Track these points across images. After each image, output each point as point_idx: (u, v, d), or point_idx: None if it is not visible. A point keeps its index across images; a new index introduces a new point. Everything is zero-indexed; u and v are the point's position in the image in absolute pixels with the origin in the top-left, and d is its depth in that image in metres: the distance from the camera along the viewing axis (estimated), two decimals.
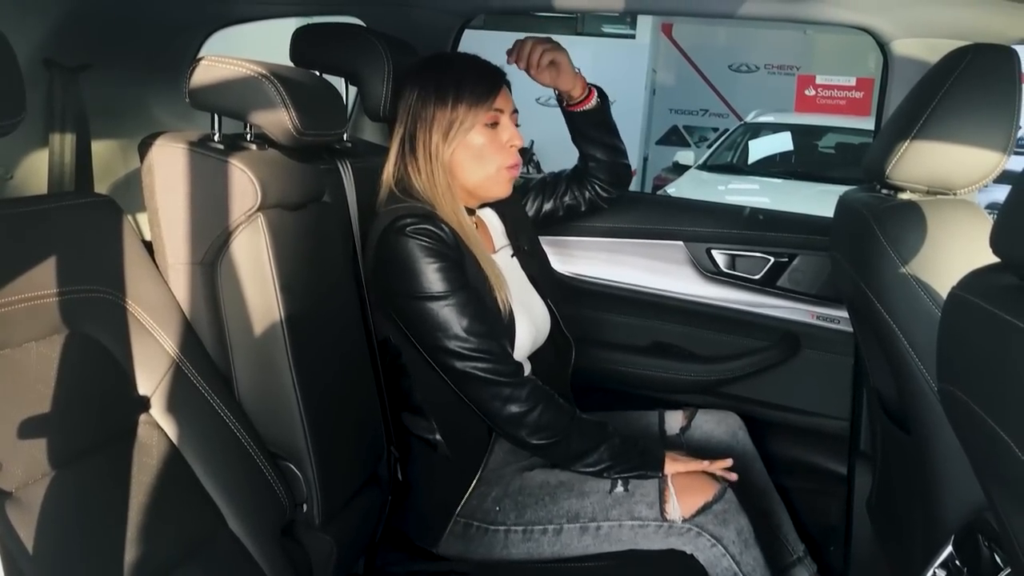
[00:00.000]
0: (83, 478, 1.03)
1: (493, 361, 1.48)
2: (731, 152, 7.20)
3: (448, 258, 1.47)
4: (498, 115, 1.57)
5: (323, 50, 1.75)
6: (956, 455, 1.11)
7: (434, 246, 1.46)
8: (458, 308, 1.46)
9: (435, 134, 1.54)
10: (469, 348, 1.46)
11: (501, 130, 1.57)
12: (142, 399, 1.16)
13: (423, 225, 1.47)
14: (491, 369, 1.47)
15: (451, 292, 1.46)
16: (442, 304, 1.46)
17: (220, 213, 1.29)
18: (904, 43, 1.85)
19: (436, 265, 1.46)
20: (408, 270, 1.46)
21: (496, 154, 1.57)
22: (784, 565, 1.81)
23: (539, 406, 1.49)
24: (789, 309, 2.13)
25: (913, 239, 1.34)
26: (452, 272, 1.47)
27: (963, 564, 1.24)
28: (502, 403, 1.48)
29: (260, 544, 1.24)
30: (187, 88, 1.33)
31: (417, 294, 1.46)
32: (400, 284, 1.48)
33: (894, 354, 1.38)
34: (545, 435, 1.50)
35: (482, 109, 1.54)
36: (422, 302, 1.46)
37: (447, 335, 1.46)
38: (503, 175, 1.59)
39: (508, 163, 1.58)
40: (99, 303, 1.13)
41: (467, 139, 1.55)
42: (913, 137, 1.38)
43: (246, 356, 1.33)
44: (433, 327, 1.47)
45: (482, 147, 1.56)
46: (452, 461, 1.58)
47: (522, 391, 1.49)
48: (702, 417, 1.86)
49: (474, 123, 1.54)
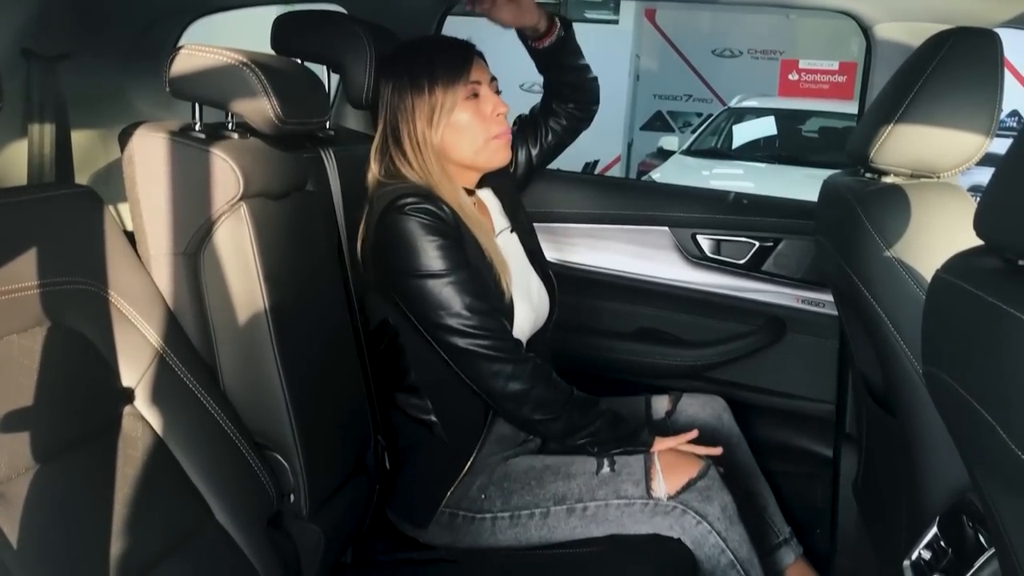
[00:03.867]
0: (68, 471, 1.02)
1: (494, 338, 1.48)
2: (715, 137, 7.20)
3: (448, 236, 1.47)
4: (476, 87, 1.56)
5: (304, 38, 1.73)
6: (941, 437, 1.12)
7: (434, 224, 1.46)
8: (459, 286, 1.46)
9: (419, 122, 1.53)
10: (470, 325, 1.46)
11: (482, 101, 1.57)
12: (126, 391, 1.16)
13: (423, 204, 1.47)
14: (493, 346, 1.47)
15: (452, 270, 1.46)
16: (443, 282, 1.46)
17: (202, 203, 1.28)
18: (887, 27, 1.86)
19: (437, 243, 1.46)
20: (409, 248, 1.46)
21: (483, 125, 1.56)
22: (770, 547, 1.82)
23: (540, 383, 1.50)
24: (774, 293, 2.14)
25: (897, 222, 1.35)
26: (452, 250, 1.47)
27: (948, 545, 1.25)
28: (504, 380, 1.48)
29: (247, 535, 1.24)
30: (167, 77, 1.31)
31: (418, 272, 1.46)
32: (401, 262, 1.48)
33: (879, 337, 1.38)
34: (545, 411, 1.51)
35: (459, 86, 1.54)
36: (423, 280, 1.46)
37: (448, 312, 1.46)
38: (493, 145, 1.59)
39: (496, 132, 1.58)
40: (81, 295, 1.12)
41: (452, 119, 1.54)
42: (896, 121, 1.38)
43: (230, 346, 1.32)
44: (434, 305, 1.46)
45: (468, 122, 1.55)
46: (447, 444, 1.58)
47: (524, 368, 1.49)
48: (687, 401, 1.87)
49: (455, 102, 1.54)
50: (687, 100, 10.49)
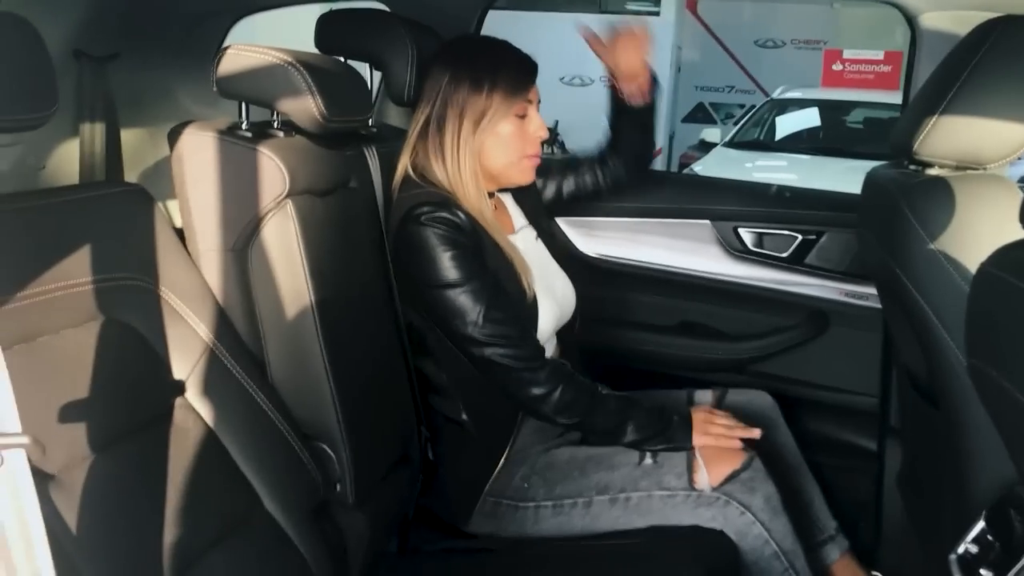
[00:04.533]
0: (122, 461, 1.05)
1: (510, 346, 1.49)
2: (758, 129, 7.13)
3: (464, 246, 1.49)
4: (528, 105, 1.58)
5: (347, 36, 1.75)
6: (987, 430, 1.11)
7: (449, 234, 1.48)
8: (474, 295, 1.48)
9: (466, 120, 1.54)
10: (486, 335, 1.48)
11: (529, 121, 1.59)
12: (177, 383, 1.18)
13: (439, 213, 1.48)
14: (509, 355, 1.49)
15: (467, 279, 1.48)
16: (459, 292, 1.47)
17: (250, 200, 1.30)
18: (932, 16, 1.83)
19: (451, 253, 1.47)
20: (425, 259, 1.48)
21: (522, 144, 1.59)
22: (816, 542, 1.81)
23: (559, 387, 1.51)
24: (817, 287, 2.12)
25: (942, 215, 1.33)
26: (468, 260, 1.49)
27: (995, 539, 1.24)
28: (523, 386, 1.51)
29: (295, 524, 1.27)
30: (214, 77, 1.34)
31: (434, 283, 1.48)
32: (418, 273, 1.50)
33: (923, 330, 1.37)
34: (568, 414, 1.53)
35: (516, 99, 1.55)
36: (440, 290, 1.48)
37: (464, 322, 1.48)
38: (525, 164, 1.61)
39: (531, 152, 1.60)
40: (133, 290, 1.15)
41: (497, 128, 1.56)
42: (941, 112, 1.36)
43: (278, 340, 1.35)
44: (451, 314, 1.49)
45: (510, 136, 1.57)
46: (479, 440, 1.59)
47: (541, 374, 1.51)
48: (732, 396, 1.86)
49: (506, 113, 1.55)
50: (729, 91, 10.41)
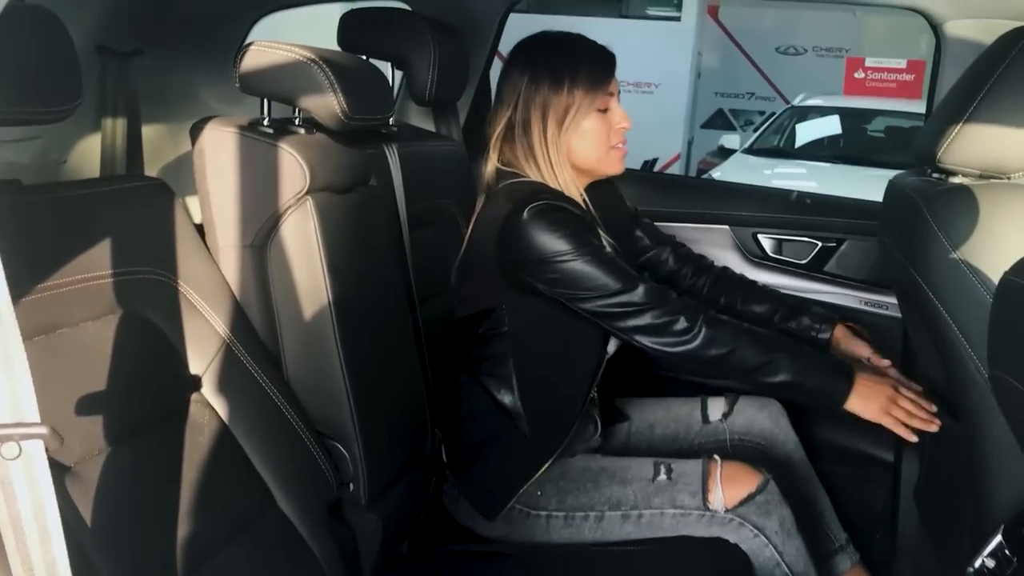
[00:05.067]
0: (137, 455, 1.05)
1: (646, 292, 1.46)
2: (778, 136, 7.10)
3: (581, 224, 1.48)
4: (609, 99, 1.57)
5: (369, 35, 1.76)
6: (1007, 443, 1.10)
7: (569, 217, 1.47)
8: (603, 260, 1.46)
9: (550, 120, 1.53)
10: (620, 286, 1.45)
11: (612, 113, 1.58)
12: (194, 378, 1.19)
13: (556, 202, 1.48)
14: (645, 299, 1.46)
15: (595, 249, 1.46)
16: (588, 258, 1.45)
17: (270, 196, 1.30)
18: (957, 24, 1.82)
19: (571, 228, 1.46)
20: (549, 236, 1.45)
21: (607, 137, 1.57)
22: (826, 553, 1.79)
23: (700, 317, 1.46)
24: (837, 295, 2.11)
25: (964, 224, 1.32)
26: (588, 234, 1.48)
27: (1013, 553, 1.23)
28: (665, 324, 1.46)
29: (308, 522, 1.27)
30: (237, 73, 1.34)
31: (563, 255, 1.45)
32: (540, 251, 1.46)
33: (943, 340, 1.36)
34: (717, 346, 1.46)
35: (598, 94, 1.54)
36: (569, 261, 1.45)
37: (599, 283, 1.45)
38: (613, 155, 1.59)
39: (616, 142, 1.59)
40: (152, 284, 1.15)
41: (581, 124, 1.54)
42: (966, 120, 1.35)
43: (295, 337, 1.35)
44: (584, 279, 1.45)
45: (595, 129, 1.55)
46: (527, 439, 1.56)
47: (677, 305, 1.47)
48: (744, 403, 1.85)
49: (589, 109, 1.54)
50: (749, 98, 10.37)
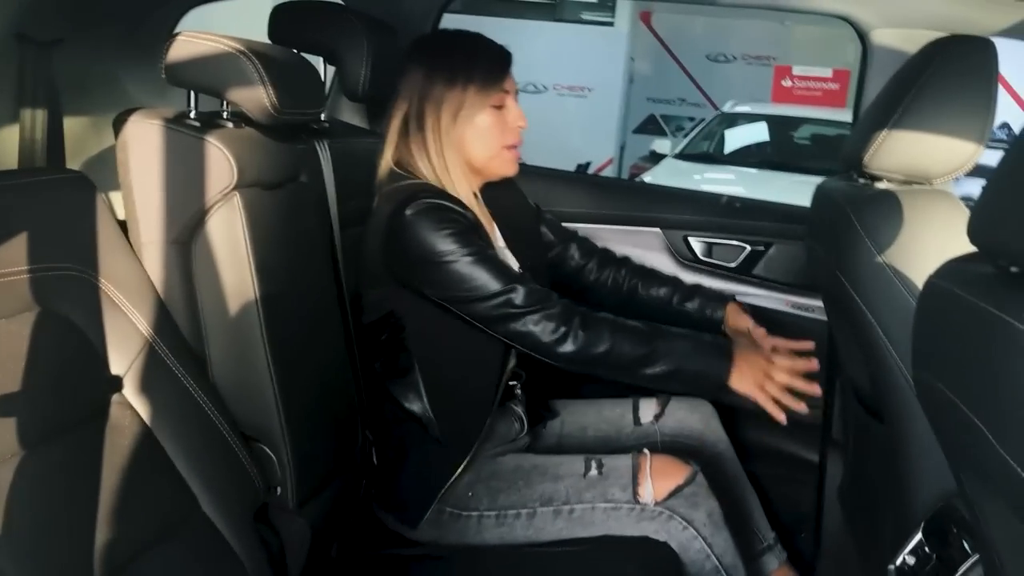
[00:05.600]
0: (54, 459, 1.01)
1: (523, 294, 1.45)
2: (707, 141, 7.21)
3: (464, 223, 1.47)
4: (505, 96, 1.57)
5: (302, 28, 1.73)
6: (928, 443, 1.12)
7: (450, 215, 1.46)
8: (484, 261, 1.45)
9: (444, 114, 1.53)
10: (498, 289, 1.44)
11: (507, 111, 1.58)
12: (115, 379, 1.15)
13: (438, 200, 1.47)
14: (521, 301, 1.44)
15: (476, 250, 1.45)
16: (467, 260, 1.44)
17: (196, 191, 1.27)
18: (883, 33, 1.86)
19: (453, 229, 1.44)
20: (427, 239, 1.44)
21: (501, 134, 1.57)
22: (755, 552, 1.82)
23: (575, 318, 1.46)
24: (765, 297, 2.14)
25: (890, 228, 1.35)
26: (471, 234, 1.46)
27: (932, 551, 1.26)
28: (542, 328, 1.45)
29: (233, 527, 1.24)
30: (163, 64, 1.31)
31: (441, 256, 1.44)
32: (420, 251, 1.45)
33: (868, 343, 1.39)
34: (595, 345, 1.46)
35: (492, 91, 1.55)
36: (445, 264, 1.44)
37: (478, 284, 1.44)
38: (506, 155, 1.59)
39: (511, 142, 1.59)
40: (71, 281, 1.11)
41: (475, 120, 1.54)
42: (891, 127, 1.38)
43: (221, 337, 1.32)
44: (463, 280, 1.44)
45: (489, 127, 1.56)
46: (440, 442, 1.56)
47: (555, 309, 1.46)
48: (675, 405, 1.86)
49: (484, 105, 1.54)
50: (680, 104, 10.51)
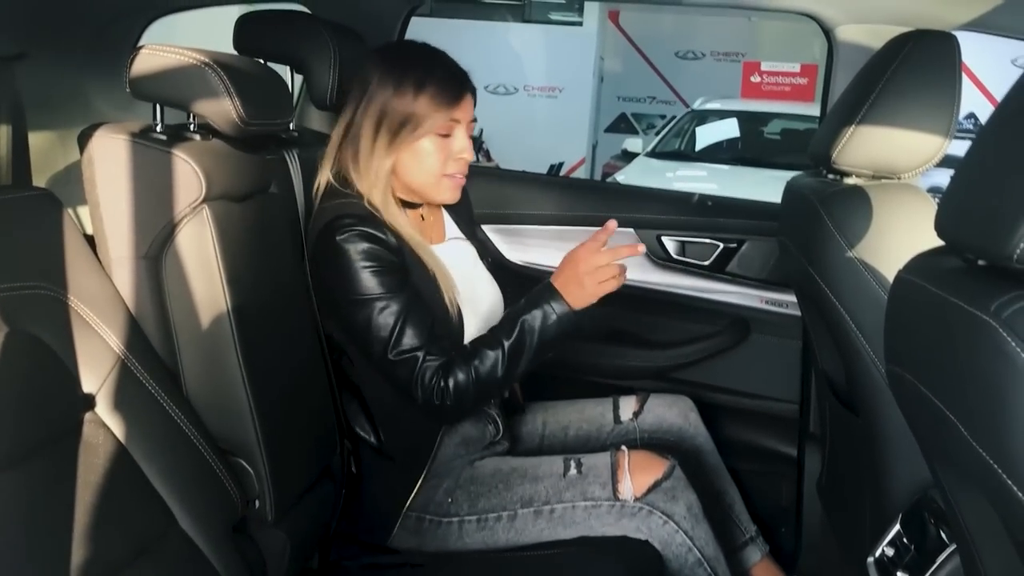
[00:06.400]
0: (27, 479, 1.00)
1: (420, 363, 1.43)
2: (679, 139, 7.24)
3: (384, 260, 1.44)
4: (454, 124, 1.51)
5: (267, 38, 1.72)
6: (903, 435, 1.13)
7: (370, 248, 1.43)
8: (389, 312, 1.42)
9: (384, 126, 1.48)
10: (397, 352, 1.43)
11: (453, 139, 1.52)
12: (87, 397, 1.13)
13: (360, 227, 1.43)
14: (418, 371, 1.43)
15: (383, 295, 1.42)
16: (374, 308, 1.42)
17: (164, 205, 1.26)
18: (848, 29, 1.88)
19: (371, 268, 1.43)
20: (343, 272, 1.43)
21: (442, 161, 1.51)
22: (736, 545, 1.83)
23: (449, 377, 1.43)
24: (739, 294, 2.15)
25: (859, 223, 1.36)
26: (386, 275, 1.44)
27: (910, 541, 1.27)
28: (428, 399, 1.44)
29: (212, 542, 1.22)
30: (128, 77, 1.29)
31: (351, 297, 1.43)
32: (336, 285, 1.45)
33: (842, 337, 1.40)
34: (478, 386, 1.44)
35: (441, 114, 1.48)
36: (355, 305, 1.43)
37: (377, 338, 1.43)
38: (445, 183, 1.54)
39: (451, 171, 1.53)
40: (40, 300, 1.10)
41: (417, 143, 1.49)
42: (858, 122, 1.40)
43: (193, 351, 1.30)
44: (365, 329, 1.44)
45: (429, 152, 1.50)
46: (395, 459, 1.57)
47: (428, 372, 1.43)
48: (654, 401, 1.87)
49: (429, 129, 1.48)
50: (651, 102, 10.55)
